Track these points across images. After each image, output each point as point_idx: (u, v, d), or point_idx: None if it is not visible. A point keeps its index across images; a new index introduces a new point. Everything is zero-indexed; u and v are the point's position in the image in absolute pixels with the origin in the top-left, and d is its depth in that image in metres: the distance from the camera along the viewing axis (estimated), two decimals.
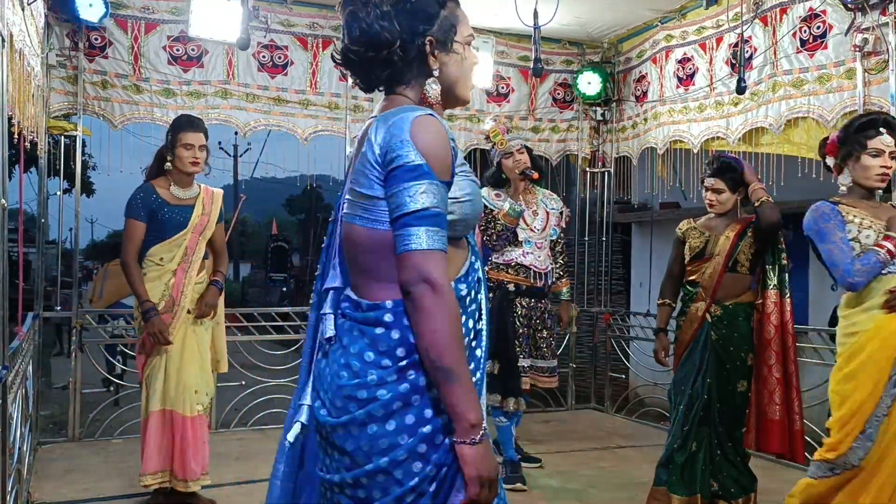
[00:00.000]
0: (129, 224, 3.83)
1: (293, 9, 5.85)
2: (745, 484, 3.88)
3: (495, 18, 6.04)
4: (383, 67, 1.65)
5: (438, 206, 1.50)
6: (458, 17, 1.67)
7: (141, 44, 5.46)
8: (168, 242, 3.84)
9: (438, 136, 1.53)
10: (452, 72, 1.68)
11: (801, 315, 7.29)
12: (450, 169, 1.55)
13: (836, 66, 4.70)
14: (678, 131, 6.02)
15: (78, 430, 5.47)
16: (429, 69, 1.65)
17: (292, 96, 5.90)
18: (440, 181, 1.51)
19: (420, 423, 1.50)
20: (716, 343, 3.77)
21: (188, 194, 3.94)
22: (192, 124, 3.93)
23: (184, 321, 3.86)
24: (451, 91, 1.70)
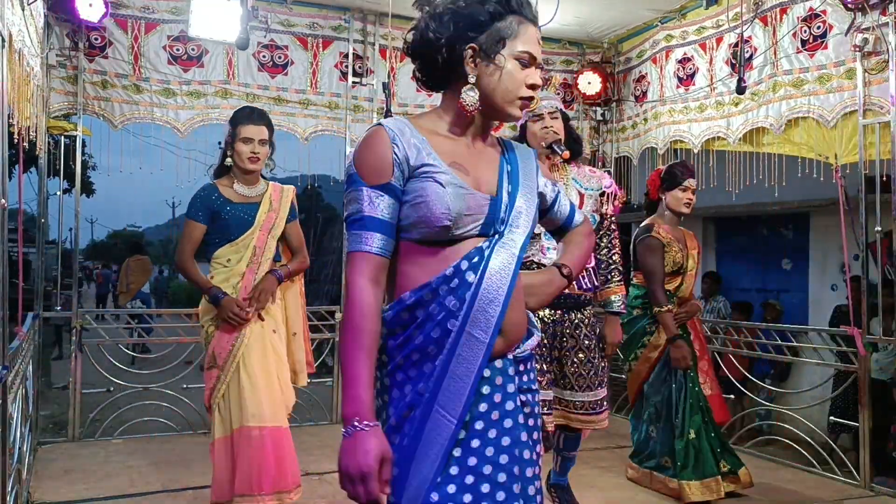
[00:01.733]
0: (187, 224, 3.62)
1: (293, 9, 5.85)
2: (736, 460, 4.34)
3: None
4: (430, 67, 1.71)
5: (362, 211, 1.60)
6: (513, 32, 1.66)
7: (141, 44, 5.46)
8: (236, 243, 3.59)
9: (370, 144, 1.63)
10: (489, 82, 1.67)
11: (802, 315, 7.30)
12: (386, 171, 1.60)
13: (836, 65, 4.70)
14: (678, 131, 6.02)
15: (78, 431, 5.47)
16: (466, 75, 1.67)
17: (292, 96, 5.90)
18: (372, 185, 1.60)
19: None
20: (686, 341, 4.29)
21: (254, 192, 3.65)
22: (251, 116, 3.60)
23: (257, 328, 3.56)
24: (489, 102, 1.69)
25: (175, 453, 5.17)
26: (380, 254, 1.61)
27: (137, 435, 5.59)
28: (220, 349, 3.54)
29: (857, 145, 4.56)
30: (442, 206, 1.59)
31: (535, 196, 1.78)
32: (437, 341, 1.58)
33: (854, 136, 4.58)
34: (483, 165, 1.72)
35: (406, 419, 1.59)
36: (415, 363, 1.60)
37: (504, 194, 1.70)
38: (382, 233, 1.61)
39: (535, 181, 1.81)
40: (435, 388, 1.57)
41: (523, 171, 1.77)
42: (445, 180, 1.61)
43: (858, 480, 4.65)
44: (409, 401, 1.60)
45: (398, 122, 1.67)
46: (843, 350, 4.95)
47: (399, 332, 1.62)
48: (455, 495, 1.57)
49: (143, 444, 5.42)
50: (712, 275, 8.08)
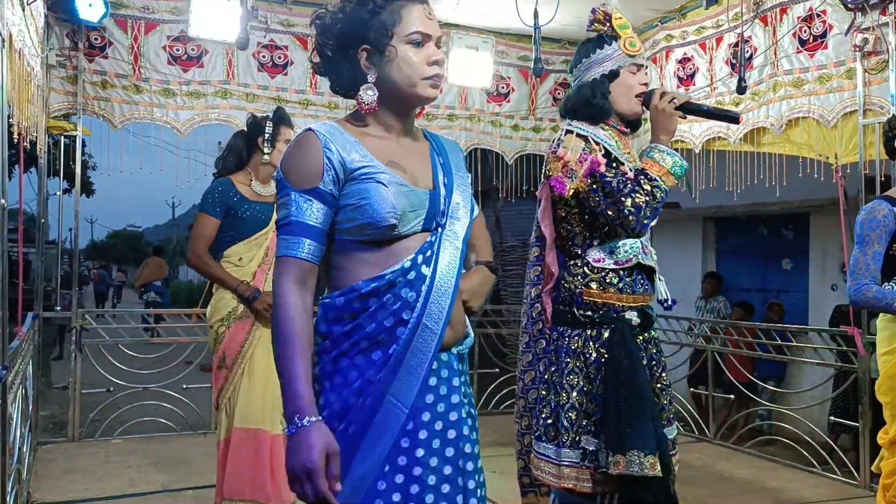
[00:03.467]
0: (201, 218, 3.52)
1: (293, 9, 5.84)
2: None
3: (495, 19, 6.04)
4: (339, 78, 1.75)
5: (290, 216, 1.60)
6: (398, 18, 1.67)
7: (141, 44, 5.46)
8: (248, 241, 3.54)
9: (297, 150, 1.63)
10: (389, 75, 1.68)
11: (802, 315, 7.30)
12: (315, 176, 1.60)
13: (836, 65, 4.70)
14: (679, 132, 6.00)
15: (78, 431, 5.47)
16: (364, 77, 1.69)
17: (292, 96, 5.89)
18: (300, 190, 1.60)
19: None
20: None
21: (269, 191, 3.56)
22: (289, 120, 3.66)
23: (266, 331, 3.46)
24: (397, 93, 1.69)
25: (175, 453, 5.17)
26: (308, 259, 1.61)
27: (137, 435, 5.59)
28: (230, 350, 3.50)
29: (858, 145, 4.56)
30: (387, 206, 1.60)
31: (468, 186, 1.80)
32: (388, 330, 1.60)
33: (854, 136, 4.58)
34: (416, 160, 1.74)
35: (353, 406, 1.59)
36: (362, 350, 1.61)
37: (441, 187, 1.73)
38: (312, 238, 1.61)
39: (465, 172, 1.83)
40: (388, 376, 1.58)
41: (454, 163, 1.79)
42: (387, 180, 1.62)
43: (858, 480, 4.66)
44: (356, 387, 1.60)
45: (328, 126, 1.67)
46: (844, 350, 4.95)
47: (348, 320, 1.62)
48: (402, 485, 1.59)
49: (142, 445, 5.42)
50: (713, 275, 8.08)
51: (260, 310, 3.45)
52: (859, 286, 2.90)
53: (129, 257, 45.73)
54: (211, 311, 3.57)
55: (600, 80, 2.63)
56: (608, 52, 2.65)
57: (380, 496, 1.57)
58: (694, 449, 5.63)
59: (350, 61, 1.70)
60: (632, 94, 2.62)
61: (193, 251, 3.53)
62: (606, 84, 2.62)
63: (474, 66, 6.18)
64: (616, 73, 2.62)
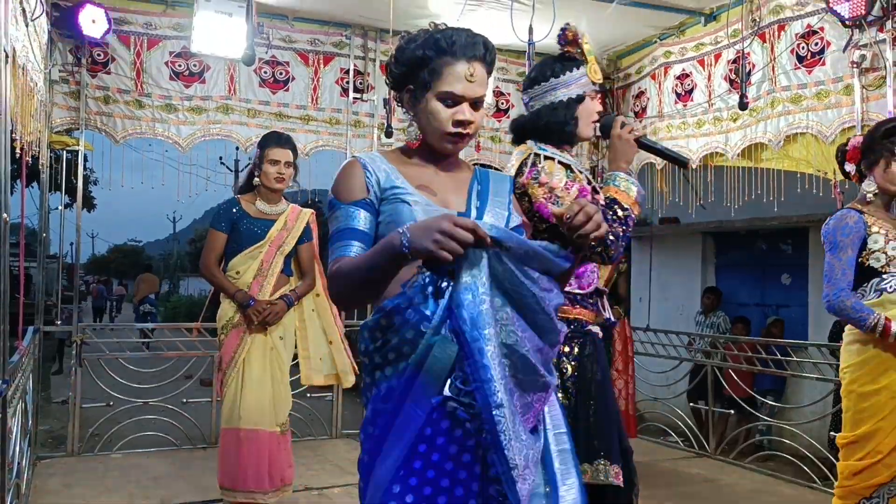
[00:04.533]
0: (210, 234, 3.94)
1: (294, 25, 5.89)
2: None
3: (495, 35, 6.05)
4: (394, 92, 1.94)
5: (340, 225, 1.80)
6: (439, 74, 1.80)
7: (143, 59, 5.50)
8: (244, 254, 3.87)
9: (346, 172, 1.85)
10: (421, 121, 1.86)
11: (802, 330, 7.30)
12: (360, 190, 1.80)
13: (834, 82, 4.73)
14: (677, 147, 6.03)
15: (77, 445, 5.46)
16: (411, 115, 1.89)
17: (293, 111, 5.93)
18: (346, 203, 1.80)
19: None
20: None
21: (273, 210, 3.94)
22: (278, 140, 3.93)
23: (260, 338, 3.84)
24: (425, 138, 1.86)
25: (175, 468, 5.16)
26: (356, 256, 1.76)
27: (137, 449, 5.58)
28: (226, 354, 3.86)
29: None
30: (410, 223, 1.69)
31: (504, 211, 1.89)
32: (410, 342, 1.67)
33: None
34: (451, 188, 1.88)
35: (379, 413, 1.70)
36: (390, 362, 1.70)
37: (472, 210, 1.84)
38: (359, 241, 1.77)
39: (506, 199, 1.92)
40: (407, 384, 1.67)
41: (494, 190, 1.91)
42: (413, 200, 1.78)
43: None
44: (383, 395, 1.70)
45: (370, 154, 1.90)
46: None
47: (379, 337, 1.72)
48: (417, 488, 1.64)
49: (142, 459, 5.41)
50: (712, 290, 8.08)
51: (251, 316, 3.80)
52: (838, 292, 2.94)
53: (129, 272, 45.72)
54: (217, 320, 3.96)
55: (568, 103, 2.62)
56: (576, 76, 2.63)
57: (394, 498, 1.63)
58: (694, 464, 5.61)
59: (400, 95, 1.90)
60: (590, 120, 2.64)
61: (204, 262, 3.93)
62: (575, 108, 2.62)
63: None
64: (582, 97, 2.63)
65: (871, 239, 2.96)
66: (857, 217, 2.99)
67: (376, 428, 1.70)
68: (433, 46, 1.80)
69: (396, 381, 1.69)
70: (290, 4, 5.71)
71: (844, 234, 2.97)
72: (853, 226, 2.97)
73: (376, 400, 1.72)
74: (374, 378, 1.74)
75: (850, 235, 2.96)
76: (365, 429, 1.74)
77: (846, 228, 2.98)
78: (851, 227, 2.97)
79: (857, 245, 2.96)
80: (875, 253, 2.95)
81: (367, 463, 1.72)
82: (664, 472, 5.39)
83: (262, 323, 3.83)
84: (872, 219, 2.99)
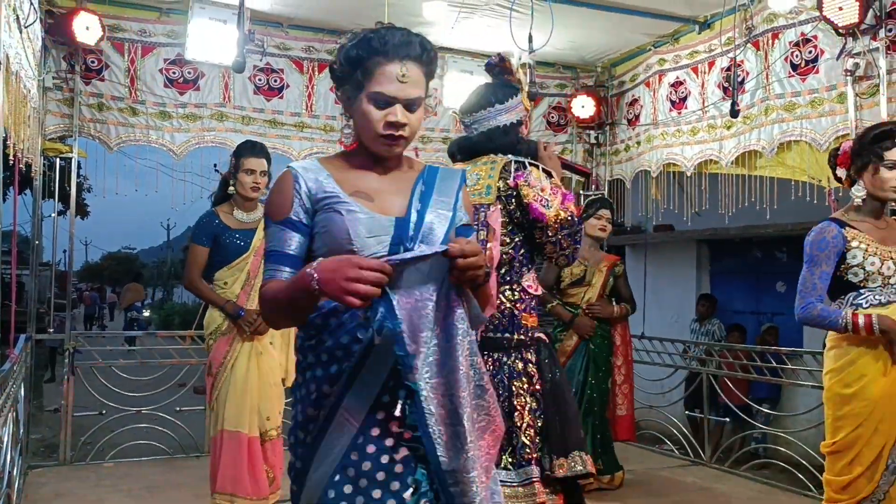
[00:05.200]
0: (192, 249, 3.99)
1: (289, 32, 5.89)
2: (611, 464, 4.89)
3: (490, 43, 6.08)
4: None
5: (271, 247, 1.78)
6: (371, 74, 1.74)
7: (137, 66, 5.48)
8: (231, 267, 3.92)
9: (276, 185, 1.83)
10: (355, 122, 1.82)
11: (797, 338, 7.30)
12: (285, 207, 1.77)
13: (827, 90, 4.75)
14: (671, 154, 6.05)
15: (69, 454, 5.42)
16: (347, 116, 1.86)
17: (288, 119, 5.92)
18: (275, 222, 1.78)
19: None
20: (593, 352, 4.91)
21: (251, 218, 3.99)
22: (253, 150, 3.98)
23: (247, 346, 3.89)
24: (360, 140, 1.83)
25: (168, 477, 5.13)
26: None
27: (130, 458, 5.54)
28: (215, 360, 3.91)
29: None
30: (342, 233, 1.72)
31: (449, 211, 1.83)
32: (345, 347, 1.70)
33: None
34: (393, 190, 1.82)
35: (311, 418, 1.72)
36: (323, 364, 1.72)
37: (413, 213, 1.78)
38: (289, 266, 1.75)
39: (452, 198, 1.85)
40: (341, 392, 1.67)
41: (438, 189, 1.84)
42: (346, 209, 1.74)
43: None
44: (314, 399, 1.72)
45: (305, 163, 1.84)
46: None
47: (313, 335, 1.75)
48: (350, 496, 1.66)
49: (135, 468, 5.38)
50: (707, 297, 8.09)
51: (243, 326, 3.86)
52: (805, 304, 3.00)
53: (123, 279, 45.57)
54: (204, 327, 4.03)
55: (512, 127, 2.94)
56: (516, 103, 2.96)
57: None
58: (690, 472, 5.60)
59: (342, 91, 1.86)
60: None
61: (187, 278, 4.03)
62: (518, 131, 2.96)
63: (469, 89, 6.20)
64: (521, 122, 2.98)
65: (849, 254, 2.97)
66: (837, 231, 2.99)
67: (308, 434, 1.72)
68: (366, 46, 1.75)
69: (328, 386, 1.70)
70: (285, 12, 5.71)
71: (820, 249, 2.99)
72: (830, 241, 2.98)
73: (306, 403, 1.74)
74: (305, 378, 1.76)
75: (826, 250, 2.97)
76: (295, 433, 1.75)
77: (823, 243, 2.99)
78: (828, 242, 2.98)
79: (832, 260, 2.97)
80: (853, 268, 2.97)
81: (300, 469, 1.74)
82: (659, 480, 5.37)
83: (253, 333, 3.87)
84: (854, 232, 2.99)
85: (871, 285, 2.96)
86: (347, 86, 1.80)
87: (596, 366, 4.92)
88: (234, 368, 3.87)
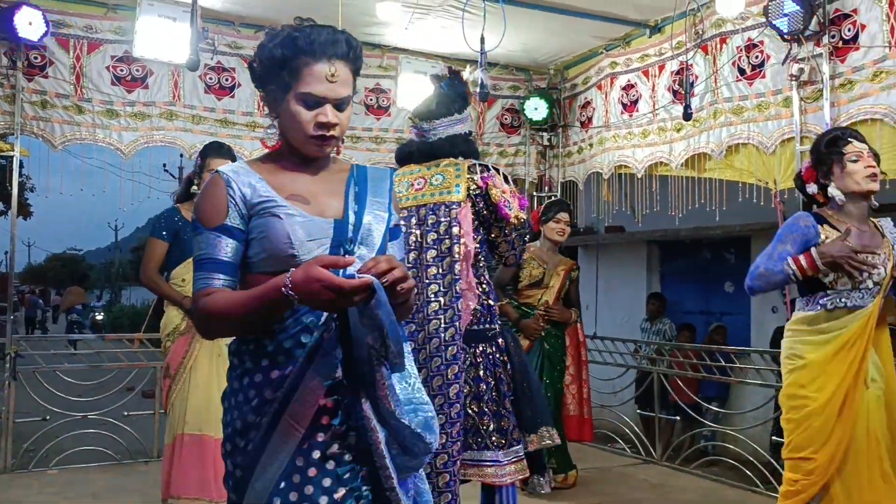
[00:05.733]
0: (150, 242, 3.94)
1: (241, 31, 5.81)
2: (565, 463, 4.99)
3: (444, 44, 6.09)
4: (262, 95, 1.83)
5: (203, 253, 1.72)
6: (297, 74, 1.70)
7: (83, 63, 5.35)
8: (188, 263, 3.78)
9: (207, 191, 1.75)
10: (282, 124, 1.78)
11: (745, 337, 7.45)
12: (221, 214, 1.71)
13: (773, 94, 4.85)
14: (623, 156, 6.13)
15: (10, 462, 5.26)
16: (273, 116, 1.81)
17: (239, 118, 5.83)
18: (208, 228, 1.71)
19: None
20: (548, 351, 4.98)
21: None
22: (219, 151, 3.95)
23: (206, 344, 3.83)
24: (288, 141, 1.78)
25: (115, 483, 5.02)
26: (221, 288, 1.71)
27: (75, 465, 5.40)
28: (173, 361, 3.86)
29: (795, 171, 4.69)
30: (283, 237, 1.68)
31: (385, 212, 1.82)
32: (287, 352, 1.67)
33: (792, 162, 4.72)
34: (327, 191, 1.79)
35: (251, 425, 1.66)
36: (262, 368, 1.68)
37: (350, 215, 1.76)
38: (224, 273, 1.71)
39: (386, 199, 1.85)
40: (286, 397, 1.63)
41: (372, 190, 1.83)
42: (283, 212, 1.70)
43: None
44: (255, 405, 1.67)
45: (235, 166, 1.78)
46: None
47: (251, 339, 1.70)
48: (295, 503, 1.63)
49: (80, 475, 5.24)
50: (657, 296, 8.21)
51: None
52: (754, 269, 3.04)
53: (68, 281, 44.53)
54: (161, 328, 3.98)
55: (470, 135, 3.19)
56: (469, 114, 3.19)
57: None
58: (641, 470, 5.67)
59: (263, 98, 1.81)
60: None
61: (144, 273, 3.93)
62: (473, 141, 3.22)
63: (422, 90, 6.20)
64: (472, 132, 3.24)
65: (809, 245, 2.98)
66: (812, 223, 3.02)
67: (249, 441, 1.66)
68: (291, 45, 1.70)
69: (271, 392, 1.65)
70: (236, 10, 5.63)
71: (790, 231, 3.03)
72: (801, 227, 3.02)
73: (245, 409, 1.68)
74: (242, 384, 1.70)
75: (795, 233, 3.01)
76: (232, 441, 1.70)
77: (794, 227, 3.03)
78: (799, 228, 3.02)
79: (797, 244, 2.99)
80: (789, 258, 2.97)
81: (239, 478, 1.68)
82: (612, 478, 5.43)
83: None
84: (830, 230, 2.99)
85: (840, 287, 2.96)
86: (272, 86, 1.75)
87: (551, 364, 4.99)
88: (195, 370, 3.81)
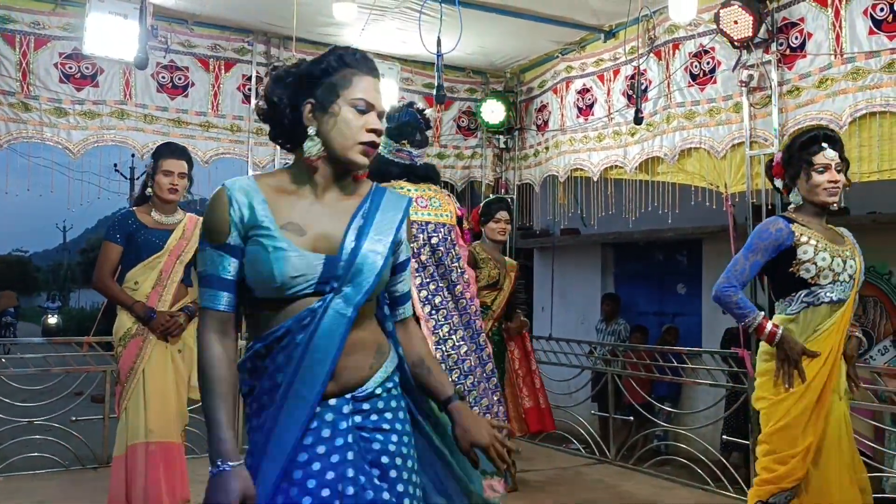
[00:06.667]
0: (104, 246, 3.84)
1: (194, 29, 5.73)
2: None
3: (401, 46, 6.09)
4: (279, 128, 1.81)
5: (207, 270, 1.72)
6: (348, 82, 1.74)
7: (30, 60, 5.22)
8: (143, 265, 3.78)
9: (212, 205, 1.73)
10: (327, 131, 1.74)
11: (696, 338, 7.57)
12: (223, 232, 1.70)
13: (724, 99, 4.95)
14: (578, 160, 6.19)
15: None
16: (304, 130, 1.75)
17: (193, 118, 5.75)
18: (212, 245, 1.71)
19: None
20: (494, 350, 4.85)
21: (170, 220, 3.88)
22: (172, 151, 3.87)
23: (160, 347, 3.77)
24: (331, 149, 1.75)
25: (63, 491, 4.90)
26: (226, 310, 1.72)
27: (21, 472, 5.26)
28: (124, 367, 3.74)
29: (745, 175, 4.80)
30: (266, 271, 1.67)
31: (386, 247, 1.78)
32: (268, 392, 1.70)
33: (742, 166, 4.82)
34: (329, 220, 1.76)
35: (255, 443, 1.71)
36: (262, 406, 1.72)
37: (346, 249, 1.73)
38: (227, 291, 1.72)
39: (391, 235, 1.81)
40: (266, 440, 1.67)
41: (378, 224, 1.79)
42: (272, 246, 1.67)
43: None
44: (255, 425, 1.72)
45: (241, 182, 1.74)
46: (734, 371, 5.16)
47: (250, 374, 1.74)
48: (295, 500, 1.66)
49: (26, 482, 5.10)
50: (611, 296, 8.29)
51: (155, 328, 3.74)
52: (728, 286, 3.04)
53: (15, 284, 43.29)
54: (114, 332, 3.85)
55: None
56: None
57: None
58: (595, 470, 5.73)
59: (294, 112, 1.76)
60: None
61: (98, 276, 3.82)
62: None
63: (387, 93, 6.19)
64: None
65: (800, 249, 2.99)
66: (784, 225, 3.02)
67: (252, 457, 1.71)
68: (339, 60, 1.76)
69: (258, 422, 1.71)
70: (190, 8, 5.56)
71: (761, 239, 3.02)
72: (774, 233, 3.01)
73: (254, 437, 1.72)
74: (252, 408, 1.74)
75: (767, 241, 3.01)
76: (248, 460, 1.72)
77: (766, 234, 3.02)
78: (771, 234, 3.01)
79: (770, 252, 3.01)
80: (805, 264, 2.98)
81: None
82: (566, 479, 5.47)
83: (164, 334, 3.75)
84: (802, 229, 3.02)
85: (823, 282, 2.98)
86: (314, 98, 1.74)
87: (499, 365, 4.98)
88: (151, 376, 3.71)
